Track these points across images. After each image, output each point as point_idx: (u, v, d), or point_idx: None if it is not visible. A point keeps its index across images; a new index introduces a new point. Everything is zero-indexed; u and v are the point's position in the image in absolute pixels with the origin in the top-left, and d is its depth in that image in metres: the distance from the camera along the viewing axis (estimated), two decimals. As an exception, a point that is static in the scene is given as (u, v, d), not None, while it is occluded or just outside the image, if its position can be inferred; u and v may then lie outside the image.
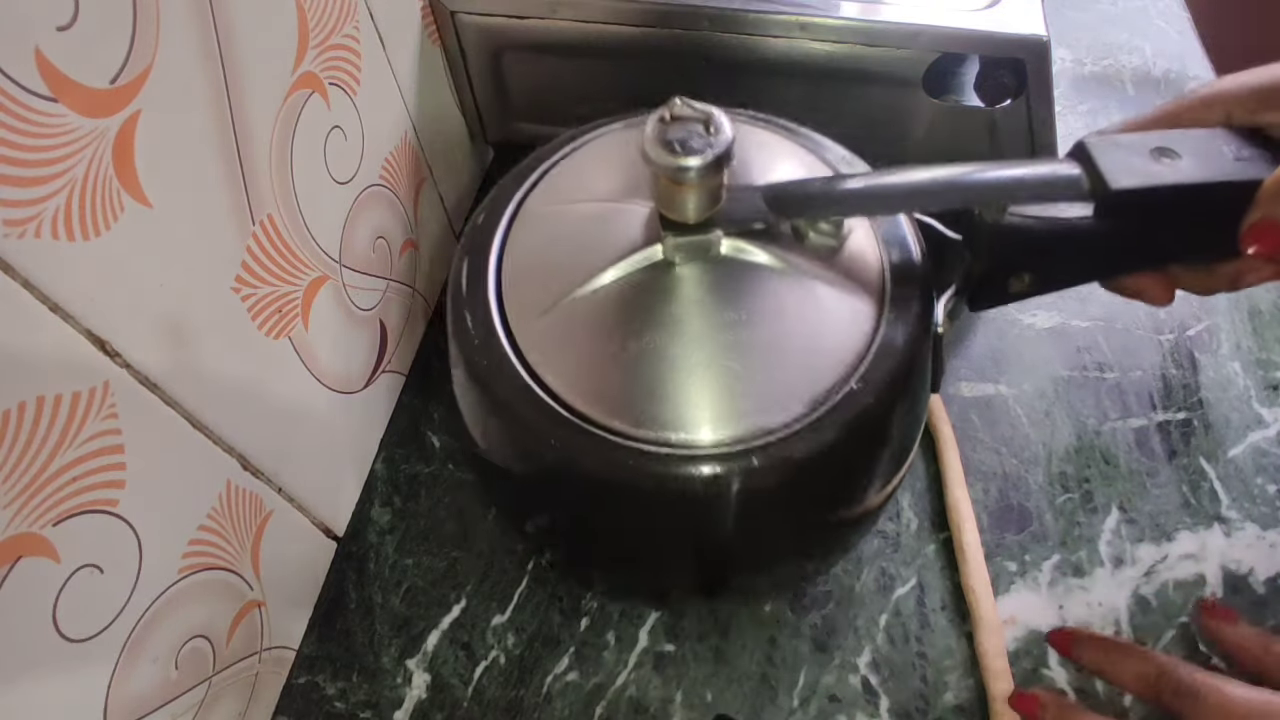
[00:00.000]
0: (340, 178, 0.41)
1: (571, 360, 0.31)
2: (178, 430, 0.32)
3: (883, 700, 0.41)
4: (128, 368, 0.29)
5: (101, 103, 0.26)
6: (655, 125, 0.28)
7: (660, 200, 0.30)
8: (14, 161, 0.23)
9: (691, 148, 0.28)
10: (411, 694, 0.42)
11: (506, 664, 0.42)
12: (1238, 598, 0.43)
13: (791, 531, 0.35)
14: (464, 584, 0.45)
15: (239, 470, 0.36)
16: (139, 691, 0.32)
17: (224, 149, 0.32)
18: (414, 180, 0.50)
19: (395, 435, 0.50)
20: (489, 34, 0.50)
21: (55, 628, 0.27)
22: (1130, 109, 0.65)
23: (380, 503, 0.48)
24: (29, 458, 0.25)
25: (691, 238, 0.31)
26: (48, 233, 0.25)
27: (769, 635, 0.43)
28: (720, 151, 0.28)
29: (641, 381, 0.30)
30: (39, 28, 0.24)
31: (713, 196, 0.30)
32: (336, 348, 0.43)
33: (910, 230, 0.34)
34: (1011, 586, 0.44)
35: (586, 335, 0.31)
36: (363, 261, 0.44)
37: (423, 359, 0.53)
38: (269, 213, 0.35)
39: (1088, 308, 0.54)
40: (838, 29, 0.45)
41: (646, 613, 0.43)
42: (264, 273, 0.36)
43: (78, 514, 0.27)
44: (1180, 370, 0.51)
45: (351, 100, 0.41)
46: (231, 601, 0.37)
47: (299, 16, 0.36)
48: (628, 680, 0.42)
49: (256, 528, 0.38)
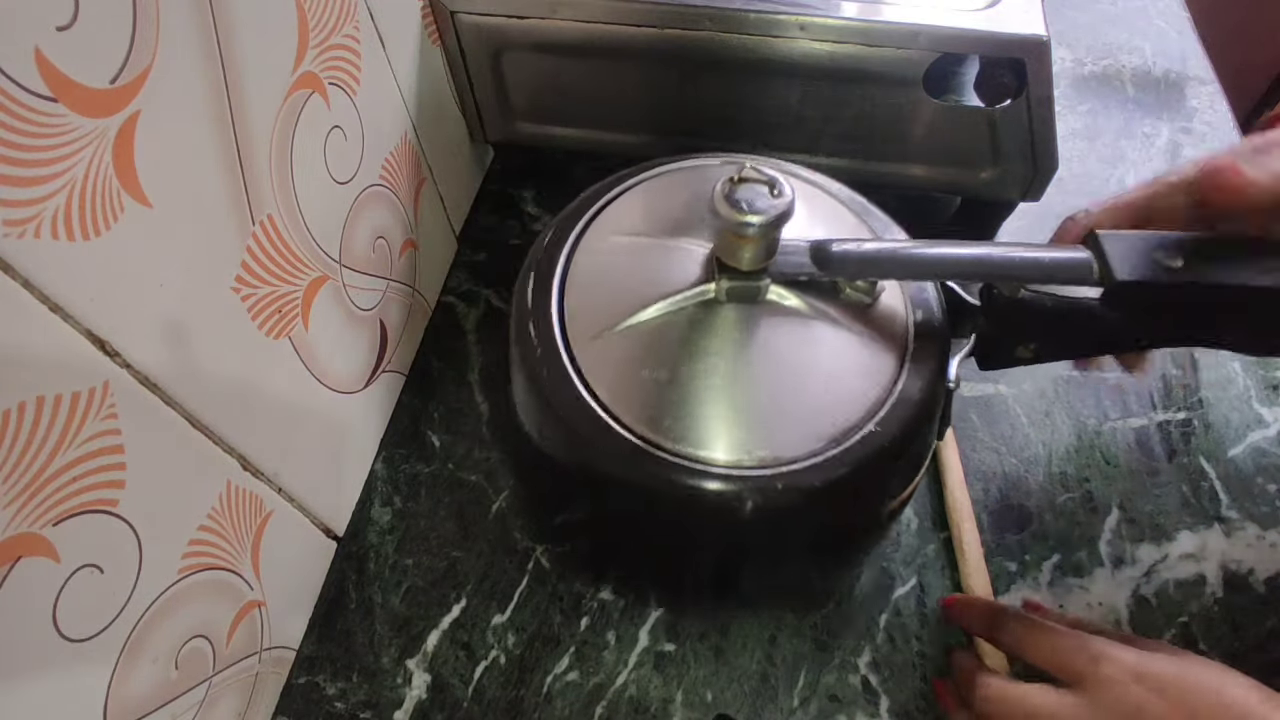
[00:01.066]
0: (340, 178, 0.41)
1: (622, 378, 0.34)
2: (178, 430, 0.32)
3: (883, 700, 0.41)
4: (128, 368, 0.29)
5: (101, 103, 0.26)
6: (725, 184, 0.32)
7: (721, 248, 0.34)
8: (14, 161, 0.23)
9: (756, 208, 0.31)
10: (411, 694, 0.42)
11: (506, 664, 0.42)
12: (1238, 597, 0.43)
13: (802, 548, 0.38)
14: (464, 584, 0.45)
15: (239, 470, 0.36)
16: (139, 691, 0.32)
17: (224, 149, 0.32)
18: (414, 180, 0.50)
19: (395, 435, 0.50)
20: (489, 34, 0.50)
21: (55, 628, 0.27)
22: (1130, 109, 0.65)
23: (380, 503, 0.48)
24: (29, 458, 0.25)
25: (743, 283, 0.35)
26: (48, 233, 0.25)
27: (769, 635, 0.43)
28: (780, 212, 0.31)
29: (683, 404, 0.33)
30: (39, 28, 0.23)
31: (768, 249, 0.33)
32: (336, 348, 0.43)
33: (935, 295, 0.37)
34: (1011, 586, 0.44)
35: (637, 357, 0.35)
36: (363, 261, 0.44)
37: (423, 359, 0.53)
38: (269, 213, 0.35)
39: (1088, 308, 0.54)
40: (838, 29, 0.45)
41: (647, 612, 0.43)
42: (264, 273, 0.36)
43: (78, 514, 0.27)
44: (1180, 370, 0.51)
45: (351, 100, 0.41)
46: (231, 601, 0.37)
47: (299, 16, 0.36)
48: (628, 680, 0.42)
49: (256, 528, 0.38)
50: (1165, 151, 0.63)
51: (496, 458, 0.49)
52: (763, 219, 0.31)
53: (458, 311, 0.56)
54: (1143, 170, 0.61)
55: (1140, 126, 0.64)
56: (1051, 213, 0.58)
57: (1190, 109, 0.65)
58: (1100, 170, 0.61)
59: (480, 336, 0.54)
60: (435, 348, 0.54)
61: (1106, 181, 0.61)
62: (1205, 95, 0.66)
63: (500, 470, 0.49)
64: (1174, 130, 0.64)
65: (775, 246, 0.34)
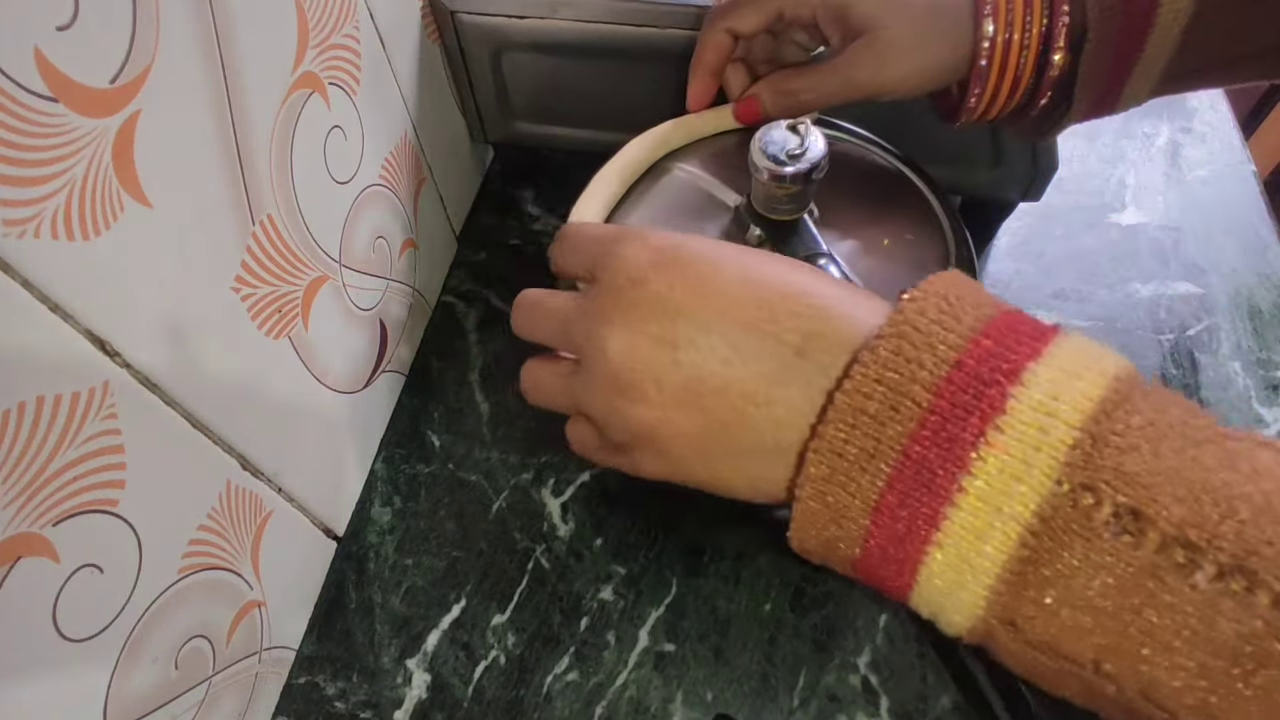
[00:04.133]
0: (340, 178, 0.41)
1: None
2: (178, 430, 0.32)
3: (883, 700, 0.41)
4: (128, 368, 0.29)
5: (101, 103, 0.26)
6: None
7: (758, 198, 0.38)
8: (14, 161, 0.23)
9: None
10: (411, 694, 0.42)
11: (506, 664, 0.42)
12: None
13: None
14: (464, 584, 0.45)
15: (239, 470, 0.36)
16: (139, 691, 0.31)
17: (224, 149, 0.32)
18: (414, 180, 0.50)
19: (395, 435, 0.50)
20: (489, 34, 0.50)
21: (55, 628, 0.27)
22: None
23: (380, 503, 0.48)
24: (29, 458, 0.25)
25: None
26: (47, 233, 0.25)
27: (769, 635, 0.43)
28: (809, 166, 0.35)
29: None
30: (39, 28, 0.23)
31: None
32: (336, 348, 0.43)
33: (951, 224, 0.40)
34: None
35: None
36: (363, 261, 0.44)
37: (423, 359, 0.53)
38: (269, 213, 0.35)
39: (1087, 307, 0.54)
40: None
41: (647, 612, 0.43)
42: (264, 272, 0.36)
43: (78, 514, 0.27)
44: (1180, 370, 0.51)
45: (351, 100, 0.41)
46: (231, 601, 0.37)
47: (299, 16, 0.36)
48: (628, 680, 0.42)
49: (256, 528, 0.38)
50: (1165, 151, 0.63)
51: (496, 457, 0.49)
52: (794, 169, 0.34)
53: (458, 311, 0.56)
54: (1143, 170, 0.61)
55: (1140, 126, 0.64)
56: (1052, 213, 0.59)
57: (1190, 109, 0.65)
58: (1100, 170, 0.61)
59: (480, 336, 0.54)
60: (435, 348, 0.54)
61: (1107, 181, 0.61)
62: (1205, 95, 0.66)
63: (500, 470, 0.49)
64: (1174, 130, 0.64)
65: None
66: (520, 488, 0.48)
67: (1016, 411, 0.20)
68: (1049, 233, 0.58)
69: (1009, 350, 0.21)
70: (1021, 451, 0.20)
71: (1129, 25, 0.33)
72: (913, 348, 0.22)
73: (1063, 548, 0.20)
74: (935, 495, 0.21)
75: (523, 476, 0.48)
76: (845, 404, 0.22)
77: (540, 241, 0.59)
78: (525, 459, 0.49)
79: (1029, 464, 0.20)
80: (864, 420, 0.21)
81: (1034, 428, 0.20)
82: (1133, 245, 0.57)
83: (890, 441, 0.21)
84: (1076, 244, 0.57)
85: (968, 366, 0.21)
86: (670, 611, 0.44)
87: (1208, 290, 0.55)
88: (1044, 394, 0.20)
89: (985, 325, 0.22)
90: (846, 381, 0.22)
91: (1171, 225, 0.58)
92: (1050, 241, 0.58)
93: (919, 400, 0.21)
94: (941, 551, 0.21)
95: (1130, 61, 0.34)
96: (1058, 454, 0.20)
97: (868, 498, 0.22)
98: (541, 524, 0.47)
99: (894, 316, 0.22)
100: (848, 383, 0.22)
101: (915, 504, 0.21)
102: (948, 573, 0.21)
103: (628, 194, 0.41)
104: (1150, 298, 0.54)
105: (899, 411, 0.21)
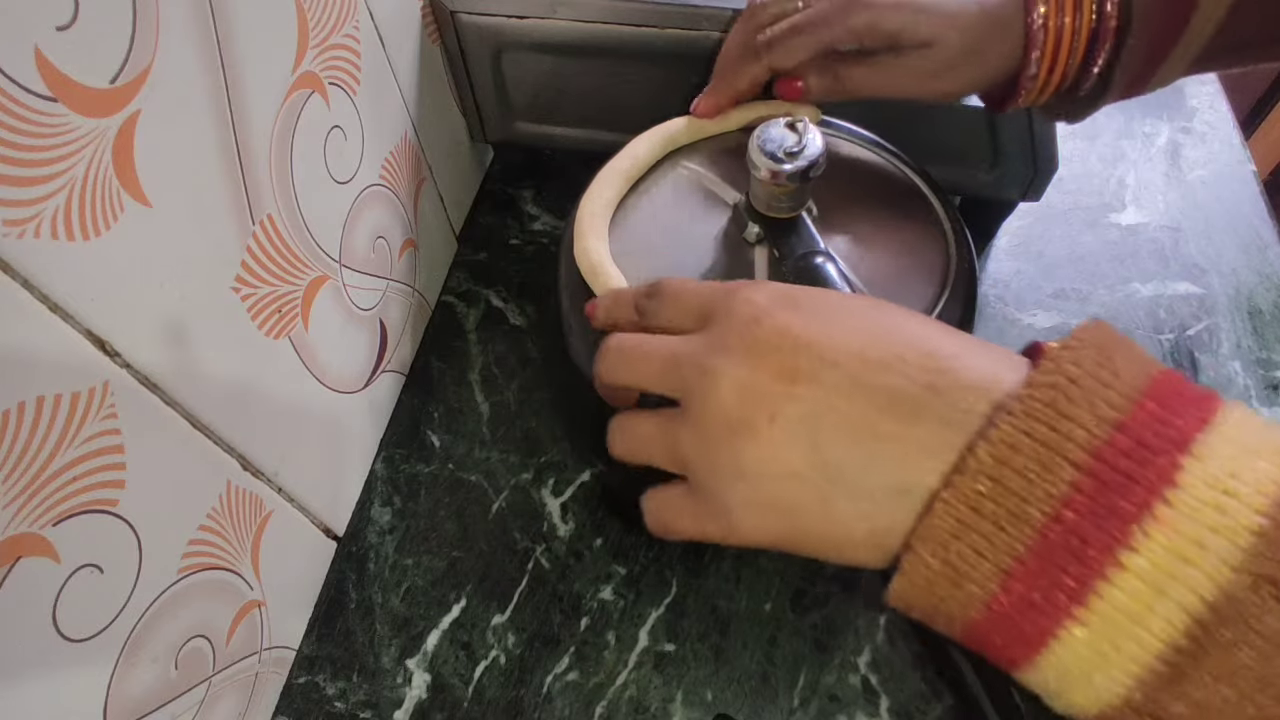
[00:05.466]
0: (340, 178, 0.41)
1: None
2: (178, 430, 0.32)
3: (883, 700, 0.41)
4: (128, 368, 0.29)
5: (101, 103, 0.26)
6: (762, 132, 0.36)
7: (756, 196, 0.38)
8: (14, 161, 0.23)
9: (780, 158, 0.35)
10: (411, 694, 0.42)
11: (506, 664, 0.42)
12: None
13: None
14: (464, 584, 0.45)
15: (239, 470, 0.36)
16: (139, 691, 0.31)
17: (224, 149, 0.32)
18: (414, 180, 0.50)
19: (395, 435, 0.50)
20: (489, 34, 0.50)
21: (55, 628, 0.27)
22: (1130, 109, 0.65)
23: (380, 503, 0.48)
24: (29, 458, 0.25)
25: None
26: (47, 233, 0.25)
27: (769, 635, 0.43)
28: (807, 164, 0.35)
29: None
30: (39, 28, 0.23)
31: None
32: (336, 348, 0.43)
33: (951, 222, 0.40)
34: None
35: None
36: (363, 261, 0.44)
37: (423, 359, 0.53)
38: (269, 213, 0.35)
39: (1087, 307, 0.54)
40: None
41: (647, 612, 0.43)
42: (264, 273, 0.36)
43: (78, 514, 0.27)
44: (1180, 370, 0.51)
45: (351, 100, 0.41)
46: (231, 601, 0.37)
47: (299, 16, 0.36)
48: (628, 680, 0.42)
49: (256, 528, 0.38)
50: (1165, 151, 0.63)
51: (496, 457, 0.49)
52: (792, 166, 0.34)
53: (458, 311, 0.56)
54: (1143, 170, 0.61)
55: (1140, 126, 0.64)
56: (1052, 213, 0.59)
57: (1190, 109, 0.65)
58: (1100, 170, 0.61)
59: (480, 336, 0.54)
60: (435, 348, 0.54)
61: (1106, 181, 0.61)
62: (1205, 95, 0.66)
63: (500, 470, 0.49)
64: (1174, 130, 0.64)
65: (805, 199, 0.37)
66: (520, 488, 0.48)
67: (1189, 486, 0.18)
68: (1049, 233, 0.58)
69: (1174, 415, 0.19)
70: (1195, 532, 0.18)
71: (1172, 9, 0.33)
72: (1069, 402, 0.20)
73: (1239, 644, 0.18)
74: (1085, 567, 0.19)
75: (523, 476, 0.48)
76: (988, 455, 0.20)
77: (540, 241, 0.59)
78: (525, 459, 0.49)
79: (1203, 546, 0.18)
80: (1009, 475, 0.20)
81: (1211, 506, 0.18)
82: (1133, 245, 0.57)
83: (1039, 503, 0.19)
84: (1076, 244, 0.57)
85: (1131, 430, 0.19)
86: (670, 611, 0.44)
87: (1208, 290, 0.55)
88: (1220, 470, 0.18)
89: (1148, 385, 0.20)
90: (992, 430, 0.20)
91: (1171, 225, 0.58)
92: (1050, 241, 0.58)
93: (1076, 460, 0.19)
94: (1084, 629, 0.19)
95: (1170, 44, 0.34)
96: (1238, 539, 0.18)
97: (1002, 560, 0.20)
98: (541, 524, 0.47)
99: (1046, 364, 0.20)
100: (993, 432, 0.20)
101: (1058, 574, 0.19)
102: (1087, 653, 0.19)
103: (629, 190, 0.41)
104: (1150, 297, 0.54)
105: (1051, 471, 0.19)
